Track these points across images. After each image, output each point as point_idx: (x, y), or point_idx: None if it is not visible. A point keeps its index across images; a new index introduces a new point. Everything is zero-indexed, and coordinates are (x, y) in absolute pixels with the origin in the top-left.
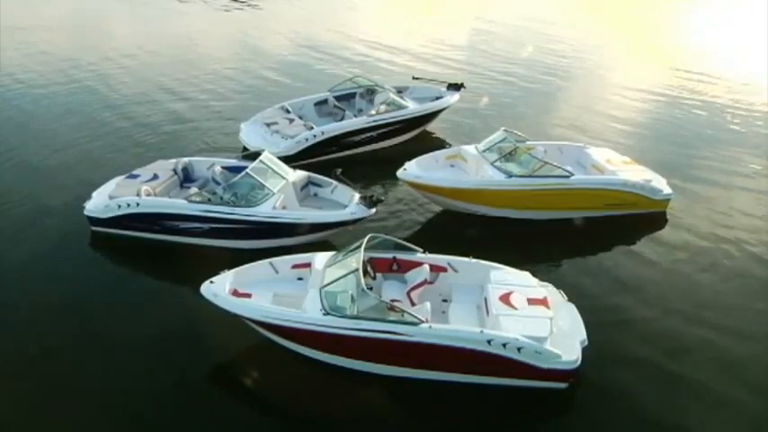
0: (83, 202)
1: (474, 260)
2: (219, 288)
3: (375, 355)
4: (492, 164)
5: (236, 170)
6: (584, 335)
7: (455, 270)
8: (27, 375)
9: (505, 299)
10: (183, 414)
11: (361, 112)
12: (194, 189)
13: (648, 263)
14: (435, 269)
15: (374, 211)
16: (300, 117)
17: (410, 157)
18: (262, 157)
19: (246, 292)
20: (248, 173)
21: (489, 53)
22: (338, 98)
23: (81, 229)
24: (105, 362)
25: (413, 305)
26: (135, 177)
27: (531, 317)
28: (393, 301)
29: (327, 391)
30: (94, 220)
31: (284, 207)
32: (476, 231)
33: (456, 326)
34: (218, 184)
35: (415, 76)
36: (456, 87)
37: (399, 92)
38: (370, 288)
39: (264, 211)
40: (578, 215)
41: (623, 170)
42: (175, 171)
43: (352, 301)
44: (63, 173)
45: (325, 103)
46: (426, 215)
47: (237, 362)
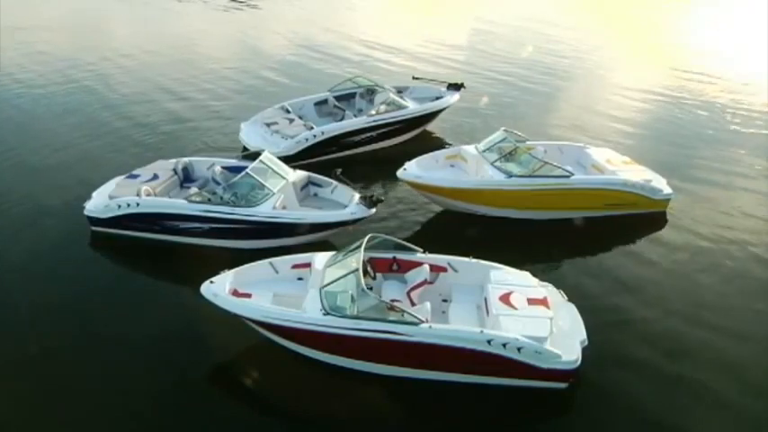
0: (83, 202)
1: (474, 260)
2: (219, 288)
3: (375, 355)
4: (492, 164)
5: (236, 170)
6: (584, 335)
7: (455, 270)
8: (27, 375)
9: (505, 299)
10: (183, 414)
11: (361, 112)
12: (194, 189)
13: (648, 263)
14: (435, 269)
15: (374, 211)
16: (300, 117)
17: (410, 157)
18: (262, 157)
19: (246, 292)
20: (248, 173)
21: (489, 53)
22: (338, 98)
23: (81, 229)
24: (105, 362)
25: (413, 305)
26: (135, 177)
27: (531, 317)
28: (393, 301)
29: (327, 391)
30: (94, 220)
31: (284, 207)
32: (476, 231)
33: (456, 326)
34: (218, 184)
35: (415, 76)
36: (456, 87)
37: (399, 92)
38: (370, 288)
39: (264, 211)
40: (578, 215)
41: (623, 170)
42: (175, 171)
43: (352, 301)
44: (63, 173)
45: (325, 103)
46: (426, 215)
47: (237, 362)
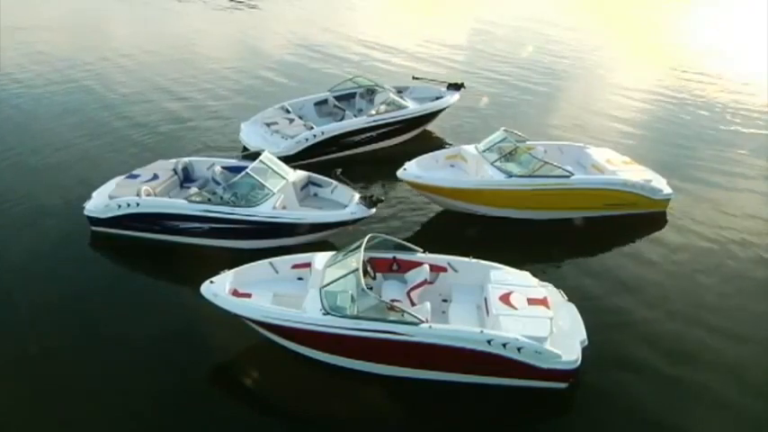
0: (83, 201)
1: (474, 260)
2: (219, 288)
3: (375, 355)
4: (492, 164)
5: (236, 170)
6: (584, 335)
7: (455, 270)
8: (27, 375)
9: (505, 299)
10: (183, 414)
11: (361, 112)
12: (194, 189)
13: (648, 263)
14: (435, 269)
15: (374, 210)
16: (300, 117)
17: (410, 157)
18: (262, 157)
19: (246, 292)
20: (248, 173)
21: (489, 53)
22: (338, 98)
23: (81, 229)
24: (105, 362)
25: (413, 305)
26: (135, 177)
27: (531, 317)
28: (393, 301)
29: (327, 391)
30: (94, 220)
31: (284, 207)
32: (476, 231)
33: (456, 326)
34: (218, 184)
35: (415, 76)
36: (456, 87)
37: (399, 92)
38: (370, 288)
39: (264, 211)
40: (578, 215)
41: (623, 170)
42: (175, 171)
43: (352, 301)
44: (62, 172)
45: (325, 103)
46: (426, 215)
47: (237, 362)
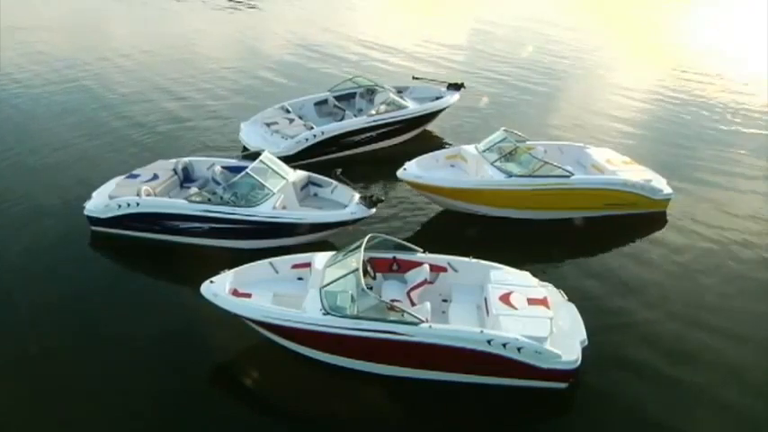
0: (82, 201)
1: (474, 260)
2: (219, 288)
3: (375, 355)
4: (492, 164)
5: (236, 170)
6: (584, 335)
7: (455, 270)
8: (27, 375)
9: (505, 299)
10: (183, 414)
11: (361, 112)
12: (194, 189)
13: (648, 263)
14: (435, 269)
15: (374, 210)
16: (300, 117)
17: (410, 157)
18: (262, 157)
19: (246, 291)
20: (248, 173)
21: (489, 53)
22: (338, 98)
23: (81, 229)
24: (105, 362)
25: (413, 305)
26: (135, 177)
27: (531, 317)
28: (393, 301)
29: (327, 391)
30: (94, 220)
31: (284, 207)
32: (476, 231)
33: (456, 326)
34: (218, 184)
35: (415, 76)
36: (456, 87)
37: (399, 92)
38: (370, 288)
39: (264, 211)
40: (578, 215)
41: (623, 170)
42: (175, 171)
43: (352, 300)
44: (62, 172)
45: (325, 103)
46: (426, 215)
47: (237, 362)
